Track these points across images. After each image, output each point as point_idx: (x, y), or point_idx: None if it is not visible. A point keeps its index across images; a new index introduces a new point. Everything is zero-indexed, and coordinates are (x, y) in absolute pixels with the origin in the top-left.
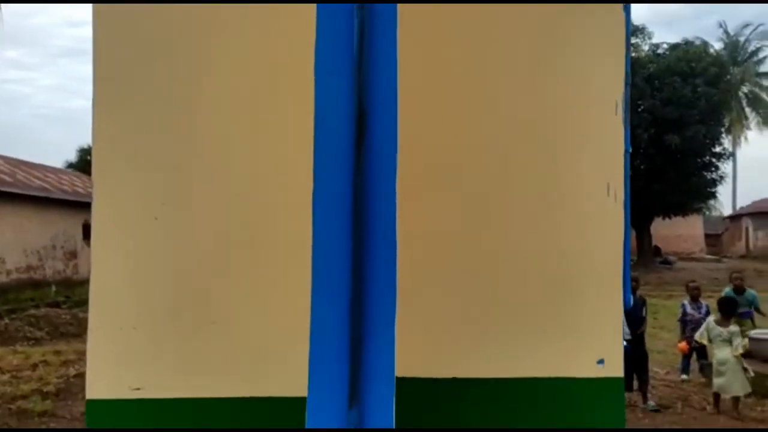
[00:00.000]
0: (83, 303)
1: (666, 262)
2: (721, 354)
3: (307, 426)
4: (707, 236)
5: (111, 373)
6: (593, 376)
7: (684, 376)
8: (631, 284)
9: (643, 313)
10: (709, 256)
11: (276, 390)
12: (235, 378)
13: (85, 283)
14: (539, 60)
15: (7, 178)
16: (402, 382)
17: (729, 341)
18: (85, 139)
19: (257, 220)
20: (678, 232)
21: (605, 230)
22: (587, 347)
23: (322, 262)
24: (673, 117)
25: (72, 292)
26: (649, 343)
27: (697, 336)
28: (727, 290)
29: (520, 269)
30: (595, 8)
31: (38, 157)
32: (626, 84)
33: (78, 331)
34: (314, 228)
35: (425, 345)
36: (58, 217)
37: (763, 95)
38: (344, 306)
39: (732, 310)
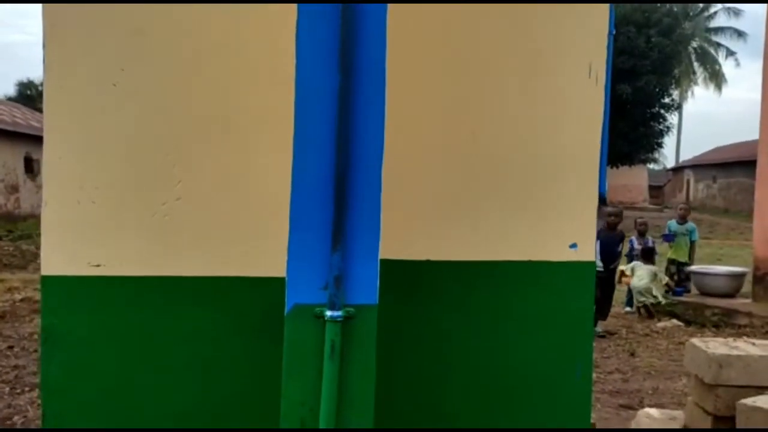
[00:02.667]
0: (27, 237)
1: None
2: (639, 282)
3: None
4: (650, 187)
5: (68, 248)
6: (566, 260)
7: (627, 308)
8: (612, 219)
9: (619, 249)
10: (651, 206)
11: (246, 270)
12: (202, 257)
13: (28, 217)
14: None
15: None
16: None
17: (651, 277)
18: (24, 74)
19: (229, 86)
20: (623, 182)
21: (585, 113)
22: (561, 231)
23: (304, 129)
24: (627, 67)
25: (15, 227)
26: None
27: (624, 268)
28: (671, 222)
29: (498, 153)
30: None
31: None
32: None
33: (22, 263)
34: (297, 97)
35: (400, 228)
36: None
37: (711, 50)
38: (328, 154)
39: (651, 256)
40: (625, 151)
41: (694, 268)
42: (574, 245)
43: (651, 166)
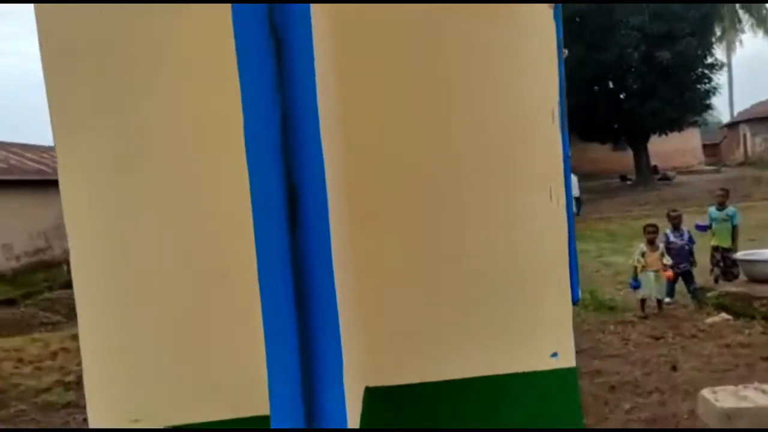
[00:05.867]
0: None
1: (665, 178)
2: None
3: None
4: (706, 146)
5: (109, 403)
6: (549, 368)
7: (668, 299)
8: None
9: None
10: (707, 168)
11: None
12: (236, 400)
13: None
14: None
15: (1, 165)
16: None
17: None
18: None
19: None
20: (675, 147)
21: (550, 231)
22: (540, 341)
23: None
24: (663, 31)
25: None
26: None
27: (633, 261)
28: (711, 209)
29: (470, 270)
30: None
31: (34, 129)
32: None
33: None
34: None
35: (384, 354)
36: (58, 197)
37: None
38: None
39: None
40: (672, 117)
41: (739, 255)
42: (555, 354)
43: (703, 125)
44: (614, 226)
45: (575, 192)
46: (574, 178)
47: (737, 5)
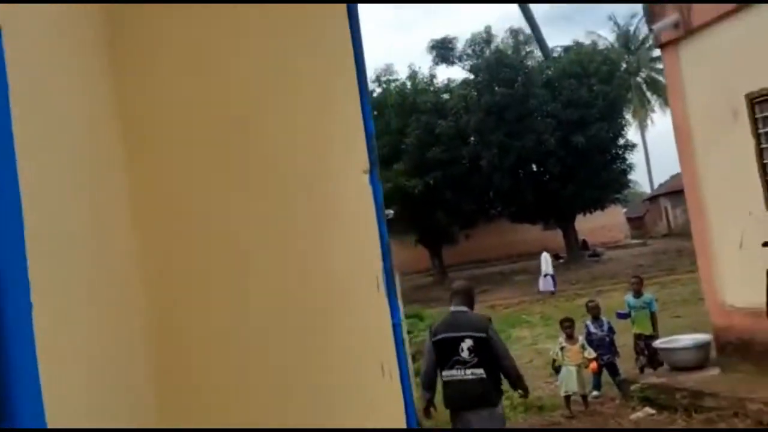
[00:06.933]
0: None
1: (595, 255)
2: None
3: None
4: (631, 219)
5: None
6: None
7: (595, 393)
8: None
9: None
10: (634, 241)
11: None
12: None
13: None
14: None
15: None
16: None
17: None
18: None
19: None
20: (602, 223)
21: (384, 408)
22: None
23: None
24: (575, 118)
25: None
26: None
27: (552, 355)
28: (628, 297)
29: None
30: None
31: None
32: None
33: None
34: None
35: None
36: None
37: (660, 78)
38: None
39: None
40: (593, 197)
41: (658, 343)
42: None
43: (625, 201)
44: (549, 308)
45: (549, 269)
46: (547, 256)
47: (644, 87)
